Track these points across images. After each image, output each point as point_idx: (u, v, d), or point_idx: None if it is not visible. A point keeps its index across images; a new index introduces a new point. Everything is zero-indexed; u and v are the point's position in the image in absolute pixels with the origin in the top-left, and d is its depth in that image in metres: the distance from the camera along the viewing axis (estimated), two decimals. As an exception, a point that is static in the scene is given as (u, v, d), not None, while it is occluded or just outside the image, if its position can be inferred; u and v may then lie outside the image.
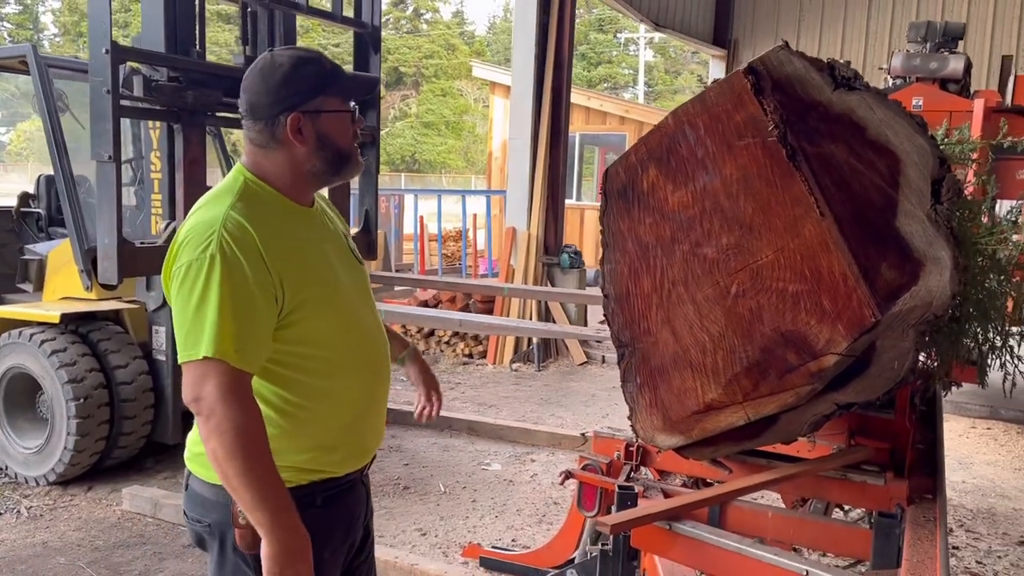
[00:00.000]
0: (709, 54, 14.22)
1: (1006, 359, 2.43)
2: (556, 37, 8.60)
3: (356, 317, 1.83)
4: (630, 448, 2.50)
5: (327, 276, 1.77)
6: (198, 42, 4.42)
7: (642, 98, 35.49)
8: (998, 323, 2.35)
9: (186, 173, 4.25)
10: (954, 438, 5.97)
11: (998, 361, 2.48)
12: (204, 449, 1.69)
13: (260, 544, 1.62)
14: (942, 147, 2.18)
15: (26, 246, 5.40)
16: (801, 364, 1.89)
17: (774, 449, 2.32)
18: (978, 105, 4.44)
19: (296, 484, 1.72)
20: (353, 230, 4.98)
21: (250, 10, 4.61)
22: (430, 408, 2.23)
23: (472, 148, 39.63)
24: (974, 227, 2.33)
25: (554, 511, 4.43)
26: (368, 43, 5.15)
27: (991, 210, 2.53)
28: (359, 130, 1.81)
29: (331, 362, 1.75)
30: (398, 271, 12.03)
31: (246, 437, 1.56)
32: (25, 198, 5.71)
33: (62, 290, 4.99)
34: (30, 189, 5.79)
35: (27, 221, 5.61)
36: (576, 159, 14.55)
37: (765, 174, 1.90)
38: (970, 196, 2.51)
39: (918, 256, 1.83)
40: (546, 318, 8.51)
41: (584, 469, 2.51)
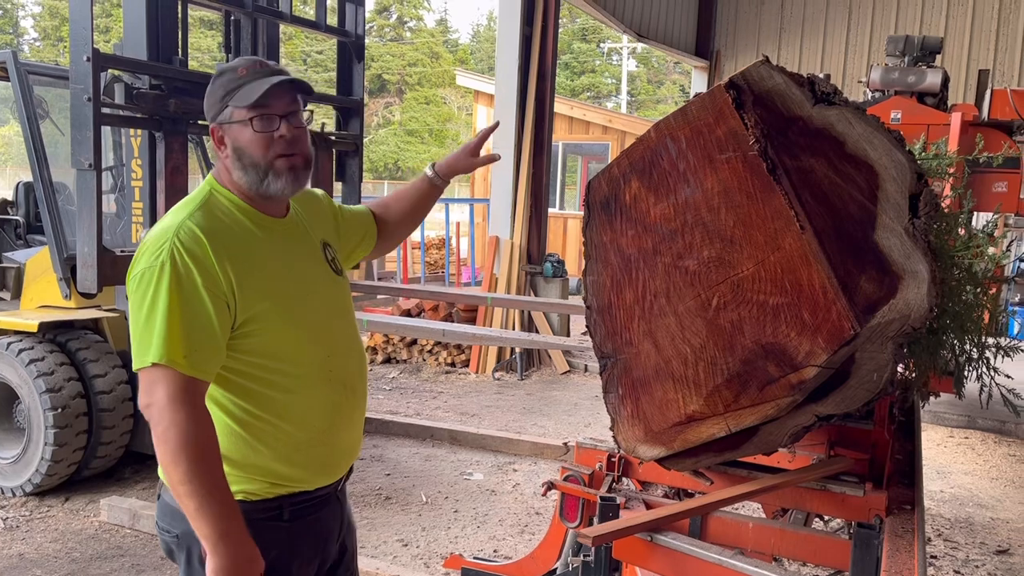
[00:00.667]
0: (691, 65, 14.31)
1: (983, 371, 2.46)
2: (539, 47, 8.64)
3: (325, 331, 1.80)
4: (612, 459, 2.50)
5: (291, 289, 1.75)
6: (181, 49, 4.41)
7: (625, 108, 35.67)
8: (975, 335, 2.38)
9: (167, 181, 4.23)
10: (932, 447, 6.03)
11: (975, 372, 2.51)
12: None
13: None
14: (920, 161, 2.20)
15: (4, 253, 5.35)
16: (781, 376, 1.91)
17: (755, 460, 2.33)
18: (955, 119, 4.50)
19: (262, 497, 1.71)
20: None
21: (233, 18, 4.60)
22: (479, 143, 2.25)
23: (455, 156, 39.56)
24: (951, 240, 2.36)
25: (536, 521, 4.43)
26: (351, 52, 5.15)
27: (967, 223, 2.56)
28: (287, 139, 1.70)
29: (293, 376, 1.72)
30: (381, 279, 12.01)
31: (192, 444, 1.55)
32: (3, 205, 5.66)
33: (40, 298, 4.94)
34: (8, 195, 5.74)
35: (5, 228, 5.55)
36: (559, 168, 14.61)
37: (746, 188, 1.92)
38: (947, 209, 2.55)
39: (896, 269, 1.85)
40: (529, 327, 8.52)
41: (566, 480, 2.51)
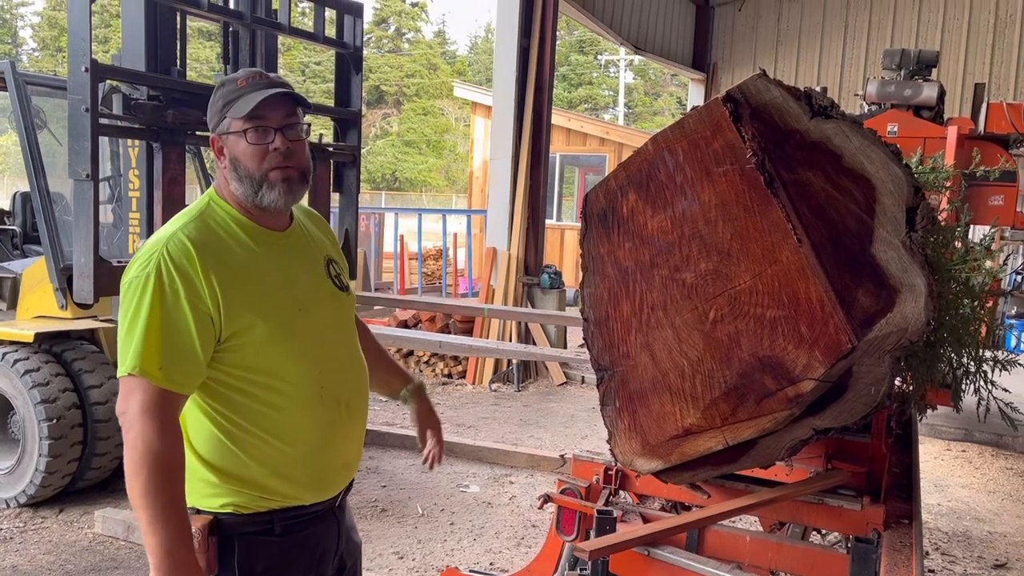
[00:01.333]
0: (688, 77, 14.38)
1: (980, 384, 2.46)
2: (537, 59, 8.67)
3: (320, 347, 1.78)
4: (609, 472, 2.49)
5: (285, 302, 1.73)
6: (179, 60, 4.42)
7: (622, 119, 35.77)
8: (972, 348, 2.38)
9: (165, 192, 4.22)
10: (929, 460, 6.02)
11: (972, 386, 2.50)
12: None
13: (213, 569, 1.65)
14: (917, 175, 2.21)
15: (0, 264, 5.33)
16: (779, 389, 1.90)
17: (752, 473, 2.33)
18: (951, 132, 4.51)
19: (254, 511, 1.70)
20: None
21: (232, 29, 4.61)
22: (429, 454, 2.11)
23: (453, 167, 39.71)
24: (947, 253, 2.36)
25: (532, 534, 4.41)
26: (349, 63, 5.16)
27: (964, 236, 2.57)
28: (281, 151, 1.69)
29: (282, 392, 1.70)
30: (378, 290, 11.99)
31: (154, 457, 1.55)
32: (0, 215, 5.65)
33: (36, 309, 4.92)
34: (5, 205, 5.73)
35: (1, 238, 5.54)
36: (556, 179, 14.63)
37: (743, 201, 1.92)
38: (943, 222, 2.55)
39: (893, 283, 1.86)
40: (526, 338, 8.51)
41: (563, 493, 2.50)
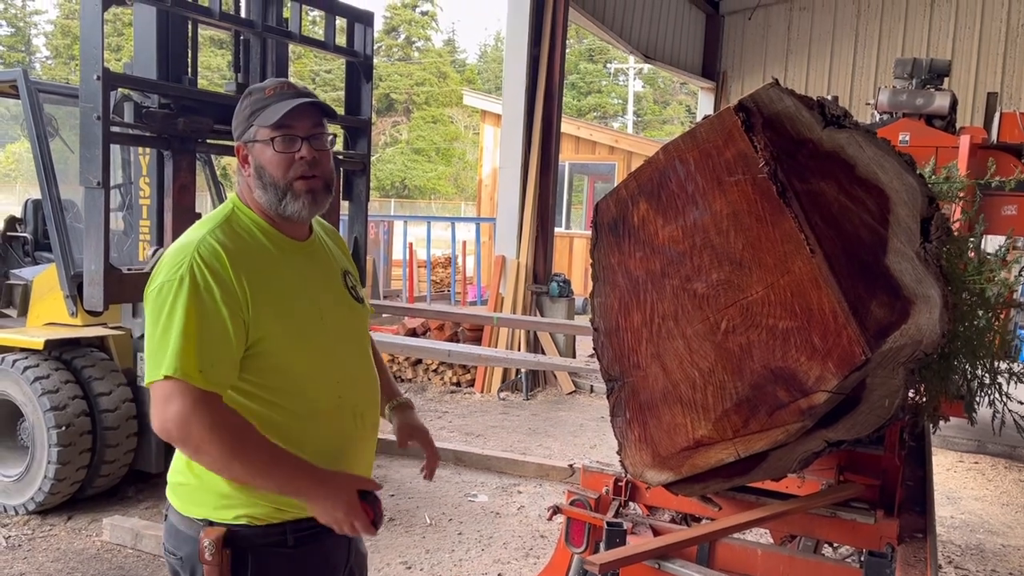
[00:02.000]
0: (698, 86, 14.36)
1: (995, 396, 2.43)
2: (547, 67, 8.67)
3: (336, 356, 1.78)
4: (619, 483, 2.48)
5: (305, 312, 1.73)
6: (190, 68, 4.43)
7: (631, 128, 35.78)
8: (987, 360, 2.35)
9: (175, 199, 4.24)
10: (941, 472, 5.96)
11: (987, 398, 2.47)
12: (182, 479, 1.72)
13: None
14: (930, 185, 2.19)
15: (11, 271, 5.36)
16: (791, 401, 1.88)
17: (763, 485, 2.30)
18: (964, 141, 4.48)
19: (267, 522, 1.70)
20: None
21: (243, 38, 4.63)
22: (424, 465, 2.17)
23: (462, 175, 39.80)
24: (961, 264, 2.34)
25: (541, 545, 4.39)
26: (360, 72, 5.17)
27: (978, 247, 2.54)
28: (307, 160, 1.69)
29: (301, 401, 1.71)
30: (386, 298, 12.00)
31: (231, 442, 1.57)
32: (11, 222, 5.67)
33: (47, 316, 4.94)
34: (17, 213, 5.76)
35: (13, 245, 5.57)
36: (565, 188, 14.63)
37: (755, 210, 1.90)
38: (956, 233, 2.52)
39: (908, 294, 1.84)
40: (535, 347, 8.49)
41: (572, 504, 2.48)
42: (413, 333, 8.66)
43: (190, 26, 4.44)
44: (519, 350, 8.30)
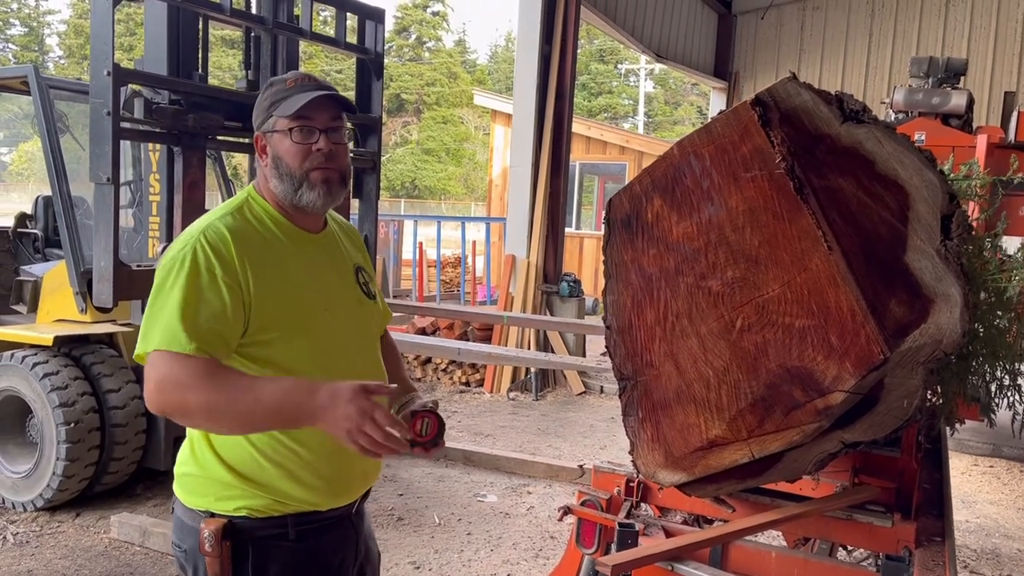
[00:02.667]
0: (710, 86, 14.30)
1: (1015, 398, 2.39)
2: (558, 66, 8.64)
3: (342, 350, 1.77)
4: (631, 484, 2.44)
5: (311, 301, 1.73)
6: (201, 66, 4.42)
7: (642, 128, 35.71)
8: (1007, 361, 2.31)
9: (185, 196, 4.23)
10: (956, 476, 5.90)
11: (1006, 400, 2.43)
12: (186, 470, 1.74)
13: (226, 573, 1.65)
14: (950, 181, 2.15)
15: (21, 267, 5.36)
16: (807, 401, 1.85)
17: (777, 487, 2.27)
18: (981, 141, 4.42)
19: (268, 515, 1.69)
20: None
21: (254, 35, 4.61)
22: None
23: (472, 175, 39.80)
24: (979, 263, 2.29)
25: (551, 546, 4.36)
26: (371, 70, 5.15)
27: (996, 246, 2.50)
28: (324, 152, 1.70)
29: None
30: (396, 297, 11.99)
31: (209, 387, 1.53)
32: (22, 218, 5.68)
33: (56, 312, 4.94)
34: (27, 209, 5.76)
35: (23, 242, 5.57)
36: (576, 188, 14.59)
37: (772, 207, 1.87)
38: (974, 231, 2.48)
39: (927, 292, 1.80)
40: (545, 347, 8.46)
41: (583, 504, 2.45)
42: (423, 332, 8.64)
43: (201, 22, 4.43)
44: (529, 350, 8.27)
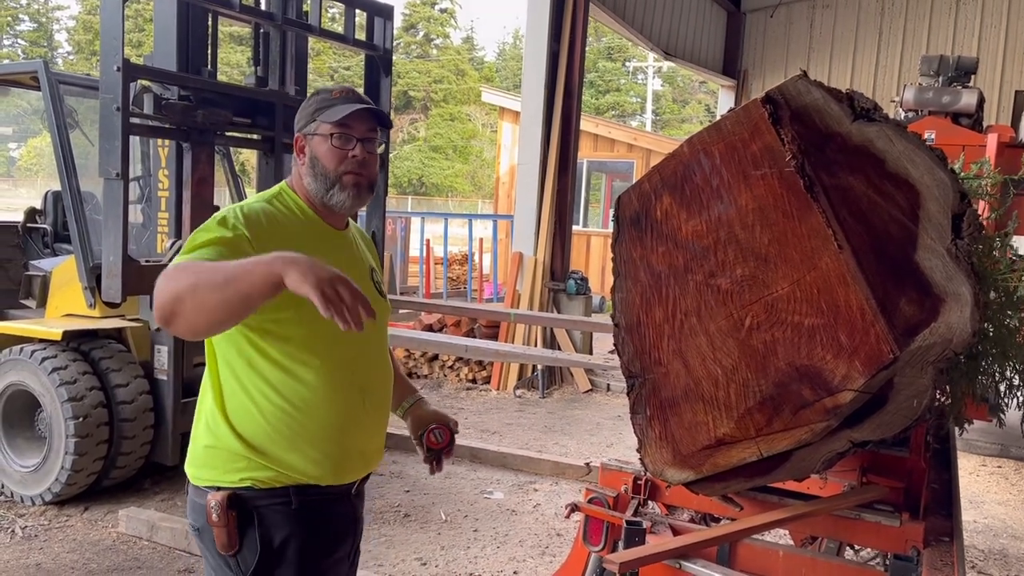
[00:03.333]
0: (719, 84, 14.26)
1: (1024, 399, 2.38)
2: (566, 65, 8.63)
3: (354, 339, 1.78)
4: (638, 482, 2.44)
5: None
6: (210, 62, 4.43)
7: (649, 126, 35.64)
8: (1017, 361, 2.30)
9: (194, 192, 4.25)
10: (964, 476, 5.87)
11: (1015, 400, 2.42)
12: (197, 444, 1.84)
13: (235, 544, 1.74)
14: (961, 180, 2.14)
15: (31, 262, 5.38)
16: (816, 400, 1.84)
17: (785, 486, 2.26)
18: (991, 140, 4.39)
19: (271, 485, 1.78)
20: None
21: (263, 31, 4.62)
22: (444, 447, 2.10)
23: (479, 172, 39.77)
24: (989, 263, 2.28)
25: (557, 543, 4.36)
26: (379, 66, 5.15)
27: (1006, 245, 2.48)
28: (358, 159, 1.81)
29: (316, 369, 1.79)
30: (403, 294, 12.00)
31: (186, 272, 1.54)
32: (31, 213, 5.70)
33: (65, 307, 4.96)
34: (37, 204, 5.78)
35: (32, 237, 5.59)
36: (583, 185, 14.57)
37: (782, 205, 1.86)
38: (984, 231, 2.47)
39: (938, 292, 1.79)
40: (551, 344, 8.46)
41: (590, 502, 2.45)
42: (430, 329, 8.64)
43: (210, 18, 4.44)
44: (536, 347, 8.26)
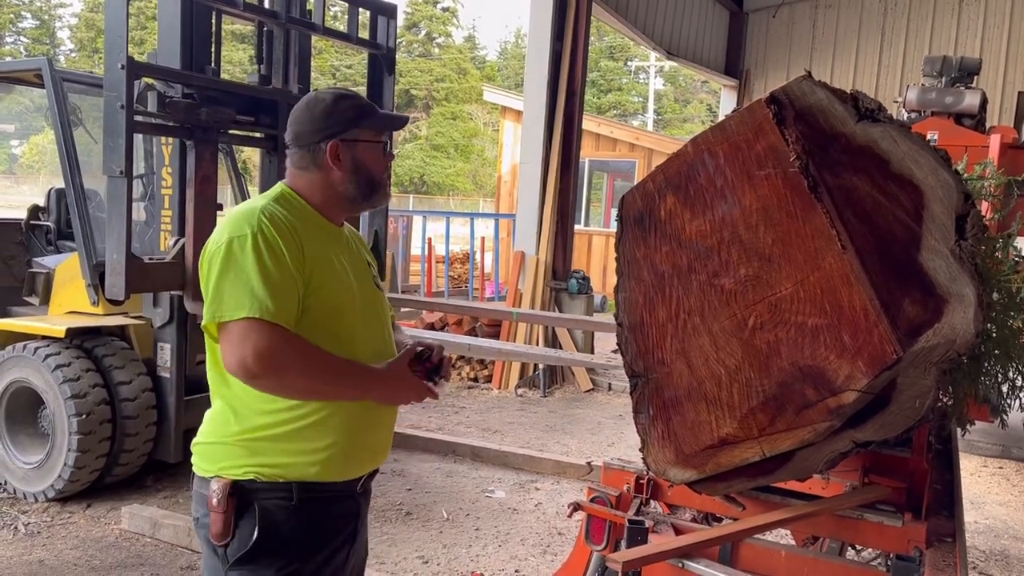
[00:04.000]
0: (721, 83, 14.25)
1: (1028, 400, 2.38)
2: (569, 63, 8.62)
3: (367, 332, 1.93)
4: (640, 481, 2.45)
5: (344, 285, 1.88)
6: (213, 60, 4.43)
7: (651, 126, 35.62)
8: (1019, 362, 2.30)
9: (197, 190, 4.25)
10: (965, 477, 5.87)
11: (1017, 401, 2.42)
12: (203, 439, 1.87)
13: (228, 532, 1.79)
14: (965, 181, 2.14)
15: (34, 259, 5.39)
16: (819, 400, 1.85)
17: (787, 486, 2.27)
18: (994, 141, 4.39)
19: (273, 480, 1.80)
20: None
21: (266, 29, 4.62)
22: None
23: (481, 171, 39.76)
24: (992, 264, 2.28)
25: (559, 542, 4.36)
26: (382, 64, 5.15)
27: (1010, 247, 2.49)
28: (389, 163, 1.96)
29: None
30: (405, 292, 12.00)
31: (310, 362, 1.73)
32: (35, 211, 5.71)
33: (68, 304, 4.96)
34: (40, 202, 5.79)
35: (36, 234, 5.60)
36: (585, 185, 14.56)
37: (786, 205, 1.87)
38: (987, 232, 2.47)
39: (941, 292, 1.79)
40: (553, 344, 8.46)
41: (593, 501, 2.45)
42: (431, 327, 8.65)
43: (214, 17, 4.44)
44: (538, 346, 8.27)
